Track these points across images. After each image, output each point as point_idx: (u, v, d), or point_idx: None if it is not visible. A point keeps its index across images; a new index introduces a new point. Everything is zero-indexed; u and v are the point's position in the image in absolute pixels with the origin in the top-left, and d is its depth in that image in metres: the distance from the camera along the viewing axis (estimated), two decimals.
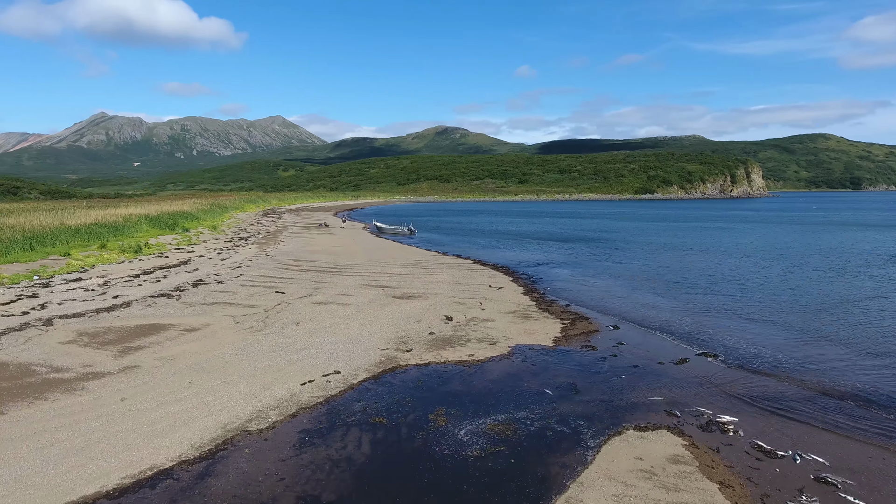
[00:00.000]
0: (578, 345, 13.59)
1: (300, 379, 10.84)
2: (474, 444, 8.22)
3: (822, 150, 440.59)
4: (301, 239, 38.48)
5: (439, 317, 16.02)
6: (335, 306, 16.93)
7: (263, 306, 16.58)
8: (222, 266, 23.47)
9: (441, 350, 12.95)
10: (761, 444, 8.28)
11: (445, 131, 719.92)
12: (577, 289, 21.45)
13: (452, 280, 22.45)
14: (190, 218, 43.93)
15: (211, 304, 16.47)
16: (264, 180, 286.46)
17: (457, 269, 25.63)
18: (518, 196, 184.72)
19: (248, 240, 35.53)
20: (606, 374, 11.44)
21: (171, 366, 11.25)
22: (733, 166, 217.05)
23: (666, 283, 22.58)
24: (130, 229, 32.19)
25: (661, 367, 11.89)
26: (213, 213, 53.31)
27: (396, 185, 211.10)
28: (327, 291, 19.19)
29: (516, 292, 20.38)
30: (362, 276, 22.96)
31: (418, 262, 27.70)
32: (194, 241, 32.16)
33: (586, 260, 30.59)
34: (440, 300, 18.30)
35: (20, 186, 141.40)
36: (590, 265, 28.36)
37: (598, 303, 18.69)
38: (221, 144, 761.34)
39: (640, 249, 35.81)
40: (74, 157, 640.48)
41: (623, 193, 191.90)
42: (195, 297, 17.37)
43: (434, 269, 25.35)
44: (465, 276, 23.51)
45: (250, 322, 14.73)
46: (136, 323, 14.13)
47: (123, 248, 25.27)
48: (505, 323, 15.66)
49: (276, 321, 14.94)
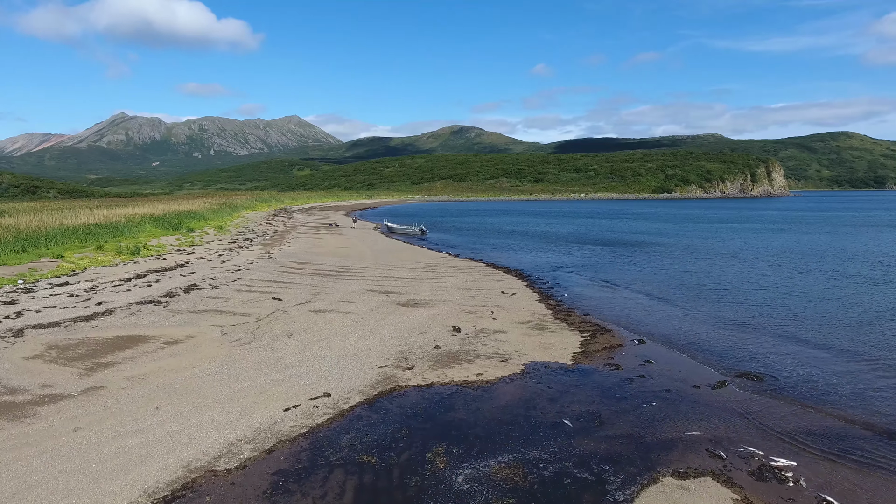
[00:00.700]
0: (600, 363, 12.12)
1: (284, 403, 9.54)
2: (477, 496, 6.82)
3: (845, 148, 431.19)
4: (308, 240, 37.34)
5: (446, 327, 14.65)
6: (334, 315, 15.64)
7: (256, 315, 15.34)
8: (220, 269, 22.33)
9: (446, 368, 11.58)
10: (831, 500, 6.77)
11: (460, 130, 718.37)
12: (596, 296, 19.92)
13: (462, 285, 21.05)
14: (197, 218, 43.05)
15: (200, 312, 15.26)
16: (280, 180, 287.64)
17: (468, 273, 24.23)
18: (533, 195, 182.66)
19: (254, 241, 34.46)
20: (634, 399, 9.97)
21: (141, 387, 10.01)
22: (754, 165, 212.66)
23: (695, 291, 20.85)
24: (133, 230, 31.29)
25: (696, 393, 10.38)
26: (222, 213, 52.49)
27: (411, 184, 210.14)
28: (328, 298, 17.91)
29: (531, 299, 18.92)
30: (367, 280, 21.66)
31: (427, 266, 26.35)
32: (197, 241, 31.15)
33: (606, 263, 28.95)
34: (448, 308, 16.92)
35: (39, 186, 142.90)
36: (610, 269, 26.74)
37: (621, 313, 17.15)
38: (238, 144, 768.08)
39: (663, 252, 34.02)
40: (95, 157, 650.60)
41: (640, 193, 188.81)
42: (184, 303, 16.18)
43: (443, 273, 23.98)
44: (476, 281, 22.11)
45: (239, 333, 13.48)
46: (114, 334, 12.95)
47: (120, 250, 24.27)
48: (518, 335, 14.24)
49: (268, 332, 13.67)
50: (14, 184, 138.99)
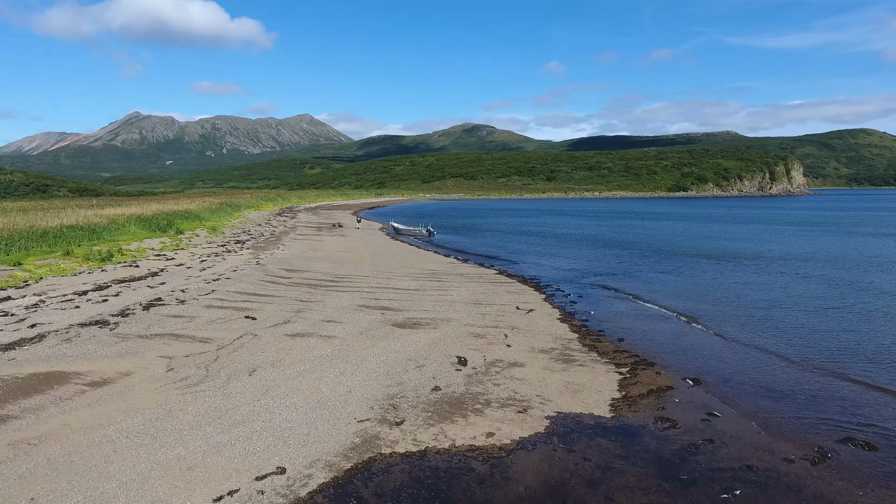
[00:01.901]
0: (649, 416, 9.25)
1: (217, 487, 6.81)
2: None
3: (864, 145, 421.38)
4: (306, 242, 34.67)
5: (449, 358, 11.87)
6: (314, 340, 12.90)
7: (220, 340, 12.64)
8: (197, 279, 19.70)
9: (446, 423, 8.81)
10: None
11: (472, 129, 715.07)
12: (628, 314, 16.99)
13: (471, 299, 18.24)
14: (191, 218, 40.62)
15: (151, 338, 12.58)
16: (291, 178, 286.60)
17: (477, 283, 21.40)
18: (546, 194, 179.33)
19: (246, 243, 31.86)
20: (708, 485, 7.10)
21: (25, 460, 7.31)
22: (772, 163, 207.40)
23: (749, 310, 17.47)
24: (114, 232, 28.83)
25: (793, 473, 7.48)
26: (221, 213, 50.09)
27: (421, 182, 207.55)
28: (311, 316, 15.18)
29: (551, 318, 16.07)
30: (362, 292, 18.92)
31: (432, 273, 23.55)
32: (183, 245, 28.61)
33: (634, 271, 25.88)
34: (453, 330, 14.13)
35: (50, 184, 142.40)
36: (640, 279, 23.71)
37: (663, 339, 14.20)
38: (251, 143, 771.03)
39: (699, 258, 30.62)
40: (109, 156, 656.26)
41: (656, 191, 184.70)
42: (137, 325, 13.53)
43: (450, 283, 21.18)
44: (486, 293, 19.29)
45: (188, 369, 10.77)
46: (30, 370, 10.29)
47: (89, 256, 21.75)
48: (538, 370, 11.41)
49: (226, 367, 10.96)
50: (25, 182, 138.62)
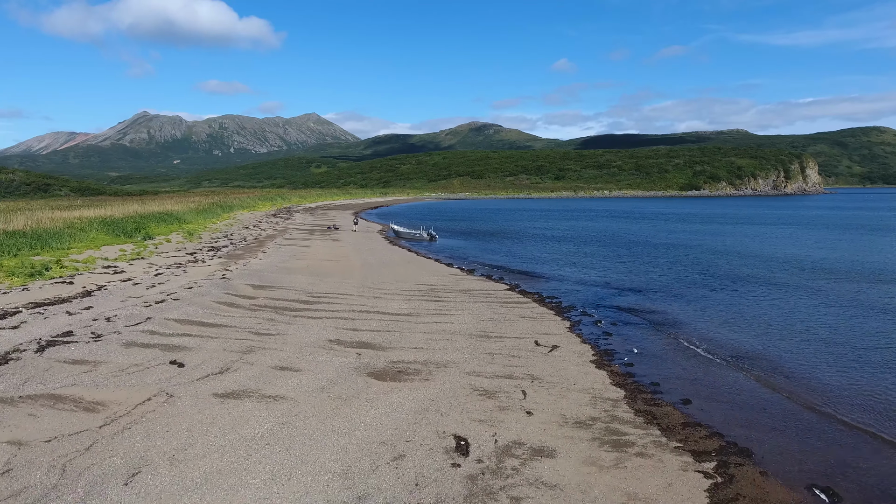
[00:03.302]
0: None
1: None
2: None
3: (878, 143, 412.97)
4: (291, 248, 30.75)
5: (444, 440, 7.98)
6: (251, 405, 9.03)
7: (117, 406, 8.80)
8: (137, 300, 15.89)
9: None
10: None
11: (479, 128, 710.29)
12: (684, 353, 12.99)
13: (477, 328, 14.32)
14: (170, 220, 36.89)
15: (16, 402, 8.75)
16: (296, 177, 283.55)
17: (484, 304, 17.47)
18: (554, 193, 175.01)
19: (222, 250, 28.01)
20: None
21: None
22: (787, 161, 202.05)
23: (860, 351, 13.17)
24: (69, 238, 25.13)
25: None
26: (208, 214, 46.39)
27: (427, 181, 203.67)
28: (262, 359, 11.31)
29: (582, 359, 12.13)
30: (339, 317, 15.04)
31: (431, 290, 19.61)
32: (145, 253, 24.84)
33: (674, 286, 21.70)
34: (451, 383, 10.24)
35: (51, 183, 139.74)
36: (684, 297, 19.54)
37: (746, 400, 10.17)
38: (258, 142, 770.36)
39: (749, 268, 25.98)
40: (118, 155, 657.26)
41: (667, 190, 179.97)
42: (10, 379, 9.71)
43: (451, 303, 17.25)
44: (496, 320, 15.35)
45: (31, 472, 6.90)
46: None
47: (16, 271, 18.00)
48: (578, 464, 7.49)
49: (96, 465, 7.09)
50: (26, 181, 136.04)
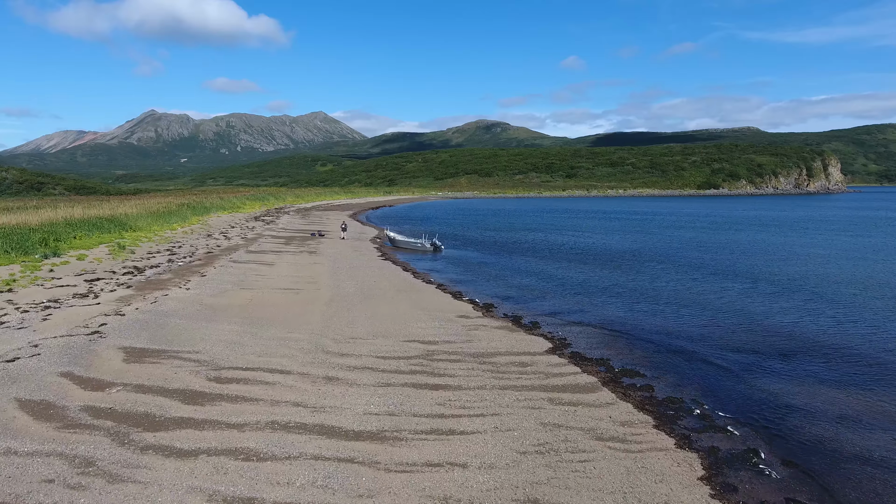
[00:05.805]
0: None
1: None
2: None
3: (894, 141, 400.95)
4: (245, 268, 23.75)
5: None
6: None
7: None
8: None
9: None
10: None
11: (487, 126, 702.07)
12: None
13: (517, 482, 7.39)
14: (109, 228, 30.13)
15: None
16: (301, 175, 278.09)
17: (519, 393, 10.58)
18: (566, 192, 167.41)
19: (146, 272, 21.20)
20: None
21: None
22: (809, 158, 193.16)
23: None
24: None
25: None
26: (170, 217, 39.73)
27: (434, 179, 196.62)
28: None
29: None
30: (233, 453, 8.31)
31: (427, 355, 12.70)
32: (22, 282, 18.06)
33: (840, 345, 14.46)
34: None
35: (45, 182, 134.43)
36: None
37: None
38: (265, 140, 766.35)
39: None
40: (125, 154, 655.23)
41: (684, 189, 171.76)
42: None
43: (460, 395, 10.37)
44: (548, 449, 8.50)
45: None
46: None
47: None
48: None
49: None
50: (19, 180, 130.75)
